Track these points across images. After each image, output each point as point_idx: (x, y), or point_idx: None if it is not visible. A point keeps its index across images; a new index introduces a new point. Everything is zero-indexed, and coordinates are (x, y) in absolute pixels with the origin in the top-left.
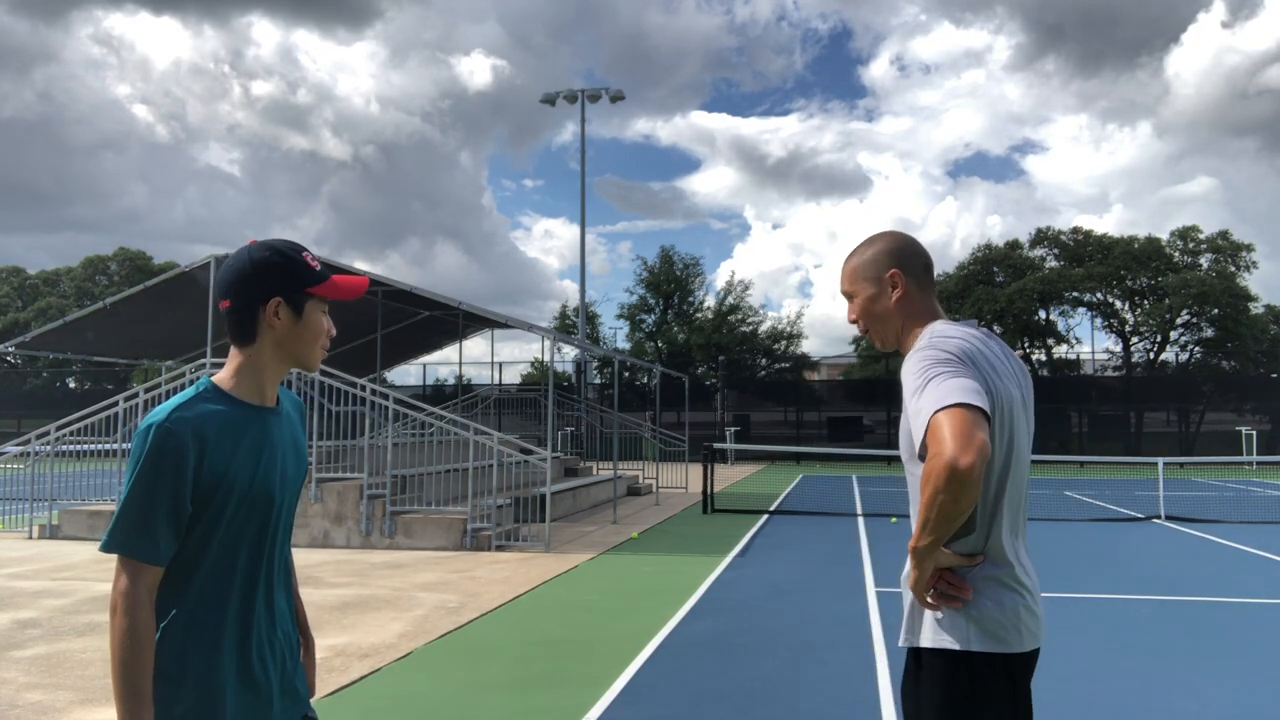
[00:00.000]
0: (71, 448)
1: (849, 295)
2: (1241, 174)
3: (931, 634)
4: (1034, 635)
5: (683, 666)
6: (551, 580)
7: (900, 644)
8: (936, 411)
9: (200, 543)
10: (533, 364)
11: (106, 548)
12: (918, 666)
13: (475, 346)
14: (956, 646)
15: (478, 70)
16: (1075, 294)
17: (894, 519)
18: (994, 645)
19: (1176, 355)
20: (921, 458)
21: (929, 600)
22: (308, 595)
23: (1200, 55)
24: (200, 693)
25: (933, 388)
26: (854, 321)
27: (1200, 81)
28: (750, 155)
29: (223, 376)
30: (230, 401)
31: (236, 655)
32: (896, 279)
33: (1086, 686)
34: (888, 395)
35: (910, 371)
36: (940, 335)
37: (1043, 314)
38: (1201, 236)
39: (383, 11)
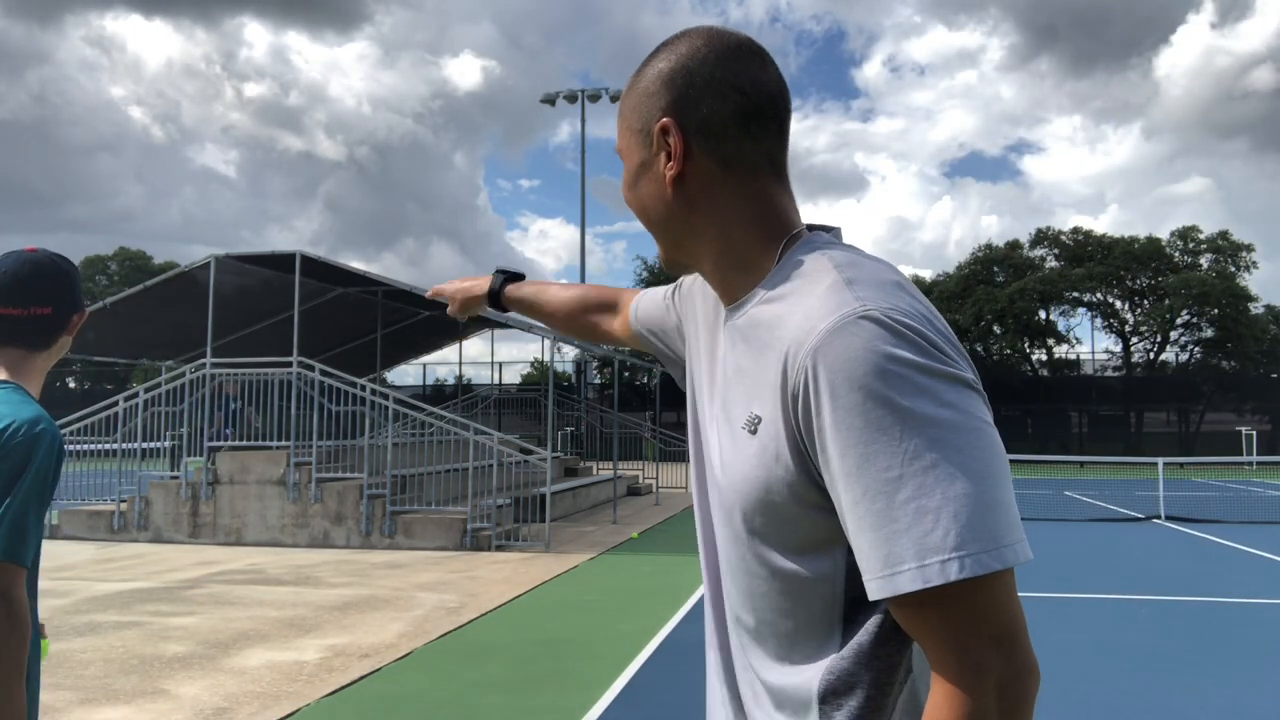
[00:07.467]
0: (71, 448)
1: None
2: (1234, 174)
3: None
4: None
5: (683, 666)
6: (551, 580)
7: None
8: None
9: None
10: (533, 364)
11: (16, 558)
12: None
13: (475, 346)
14: None
15: (469, 71)
16: (1075, 294)
17: None
18: None
19: (1176, 355)
20: None
21: None
22: (307, 595)
23: (1189, 56)
24: None
25: None
26: None
27: (1190, 83)
28: None
29: (27, 383)
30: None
31: None
32: None
33: (1086, 686)
34: None
35: None
36: None
37: (1043, 314)
38: (1201, 236)
39: (371, 15)
